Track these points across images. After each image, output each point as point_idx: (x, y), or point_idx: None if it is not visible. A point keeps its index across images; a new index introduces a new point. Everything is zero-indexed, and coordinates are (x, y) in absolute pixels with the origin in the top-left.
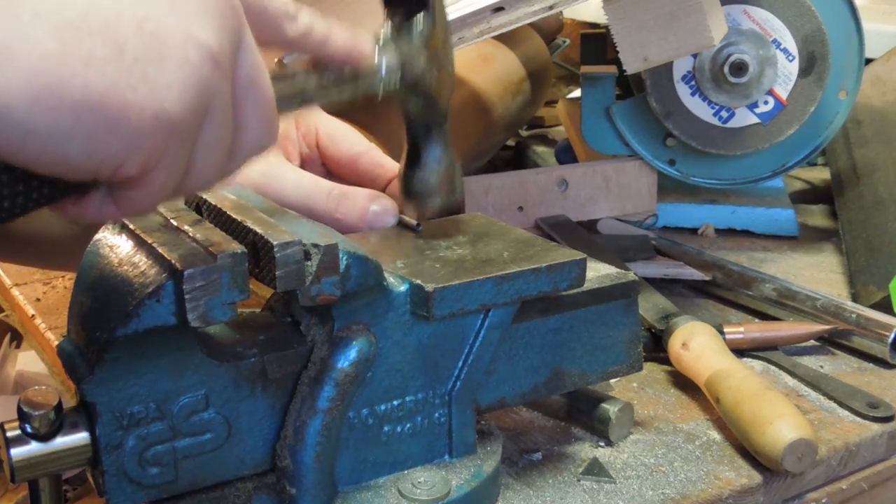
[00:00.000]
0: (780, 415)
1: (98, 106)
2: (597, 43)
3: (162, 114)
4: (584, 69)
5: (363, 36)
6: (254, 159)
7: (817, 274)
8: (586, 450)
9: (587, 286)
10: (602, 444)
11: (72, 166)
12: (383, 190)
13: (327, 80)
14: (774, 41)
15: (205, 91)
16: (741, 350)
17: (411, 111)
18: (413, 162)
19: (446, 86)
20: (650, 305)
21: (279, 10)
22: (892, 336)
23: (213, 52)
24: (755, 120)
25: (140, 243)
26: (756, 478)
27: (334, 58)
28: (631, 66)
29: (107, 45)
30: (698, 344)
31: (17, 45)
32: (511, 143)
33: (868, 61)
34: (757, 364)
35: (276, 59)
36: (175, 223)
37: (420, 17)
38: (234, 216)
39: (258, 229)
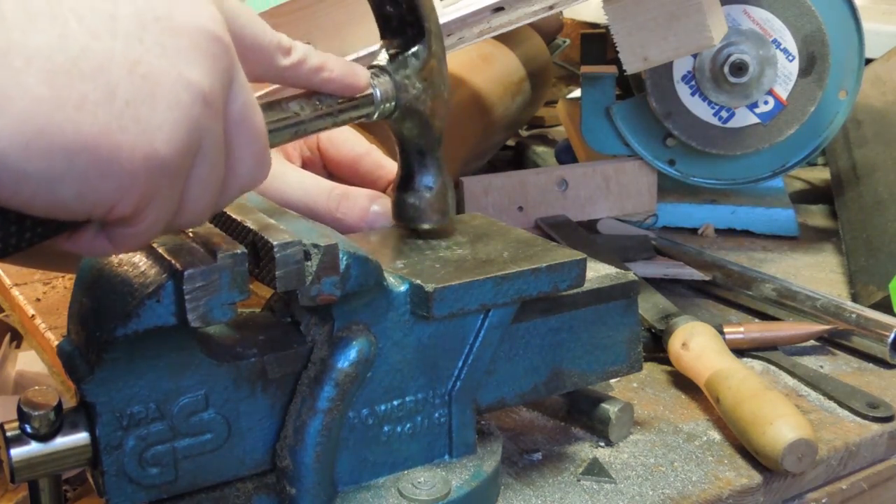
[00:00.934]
0: (780, 415)
1: (90, 148)
2: (597, 43)
3: (153, 154)
4: (584, 69)
5: (357, 66)
6: (245, 192)
7: (817, 274)
8: (586, 450)
9: (587, 286)
10: (602, 444)
11: (65, 208)
12: (384, 191)
13: (322, 110)
14: (774, 41)
15: (195, 130)
16: (741, 350)
17: (405, 136)
18: (405, 185)
19: (440, 112)
20: (650, 305)
21: (272, 43)
22: (892, 336)
23: (204, 92)
24: (755, 120)
25: None
26: (756, 478)
27: (329, 89)
28: (631, 66)
29: (98, 88)
30: (698, 344)
31: (9, 91)
32: (511, 143)
33: (868, 61)
34: (757, 364)
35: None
36: None
37: (417, 47)
38: (234, 216)
39: (258, 229)
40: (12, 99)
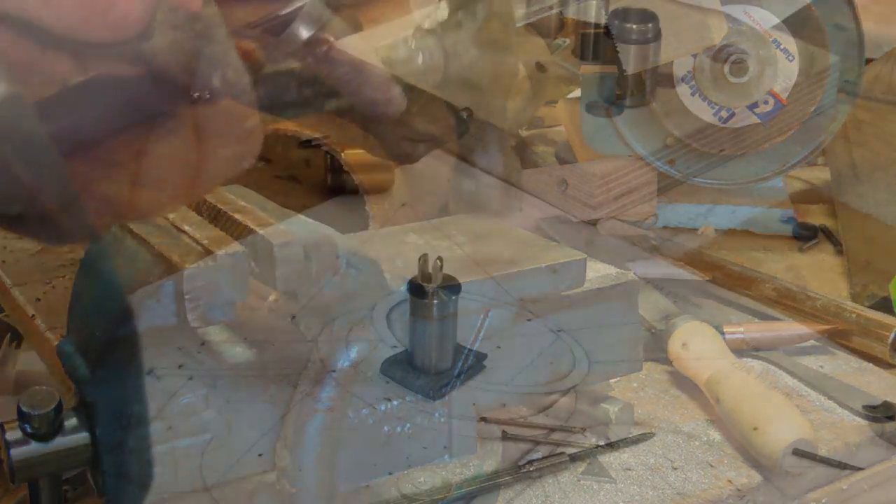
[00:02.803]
0: (780, 415)
1: None
2: (597, 43)
3: None
4: (584, 69)
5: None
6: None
7: (817, 274)
8: (586, 450)
9: (587, 286)
10: (602, 444)
11: None
12: None
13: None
14: (774, 41)
15: None
16: (741, 350)
17: None
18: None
19: None
20: (650, 305)
21: None
22: (892, 336)
23: None
24: (755, 120)
25: (140, 243)
26: (756, 478)
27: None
28: (631, 66)
29: None
30: (698, 344)
31: None
32: (511, 143)
33: (868, 61)
34: (757, 364)
35: None
36: (175, 223)
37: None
38: (234, 216)
39: (258, 229)
40: None
